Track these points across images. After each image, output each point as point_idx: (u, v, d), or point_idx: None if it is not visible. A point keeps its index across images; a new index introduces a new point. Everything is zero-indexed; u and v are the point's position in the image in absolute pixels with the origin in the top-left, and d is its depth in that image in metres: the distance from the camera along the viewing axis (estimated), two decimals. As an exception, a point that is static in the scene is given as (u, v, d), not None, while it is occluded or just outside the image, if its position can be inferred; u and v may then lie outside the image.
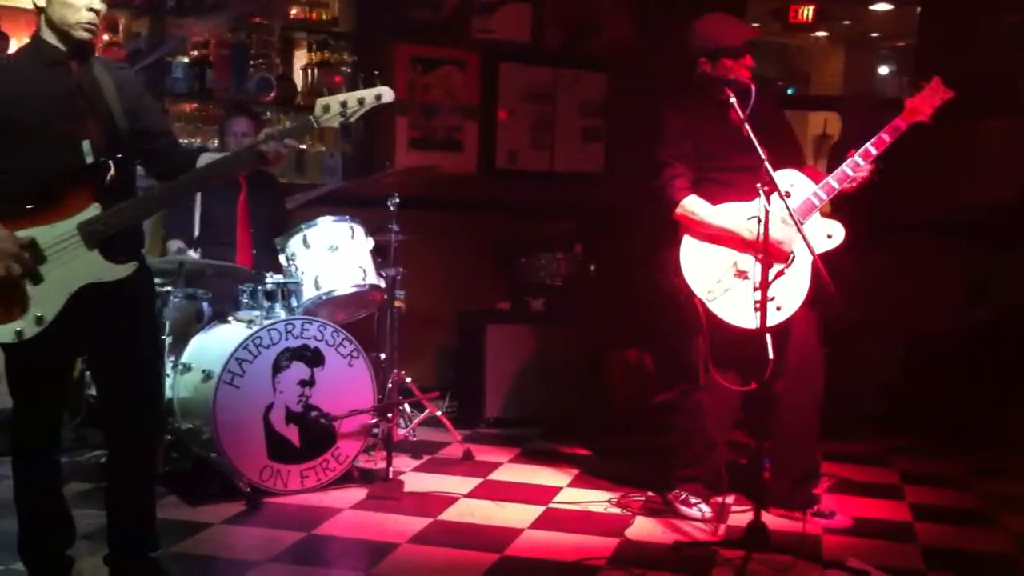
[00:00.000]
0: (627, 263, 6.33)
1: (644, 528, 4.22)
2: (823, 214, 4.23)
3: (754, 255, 4.10)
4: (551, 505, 4.50)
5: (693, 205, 4.20)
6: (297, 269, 4.80)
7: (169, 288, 4.66)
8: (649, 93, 6.54)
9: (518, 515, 4.35)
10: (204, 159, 3.37)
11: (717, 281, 4.14)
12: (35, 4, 3.16)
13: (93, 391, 4.56)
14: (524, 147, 6.97)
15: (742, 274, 4.13)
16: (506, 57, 6.83)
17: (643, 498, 4.51)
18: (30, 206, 3.13)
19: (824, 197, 4.13)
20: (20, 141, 3.12)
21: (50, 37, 3.18)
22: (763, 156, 3.80)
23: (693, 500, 4.34)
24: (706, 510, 4.30)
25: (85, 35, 3.17)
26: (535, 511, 4.41)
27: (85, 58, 3.22)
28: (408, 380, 5.31)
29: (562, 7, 6.95)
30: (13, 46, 5.48)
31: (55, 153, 3.14)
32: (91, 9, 3.13)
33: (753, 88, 4.08)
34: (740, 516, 4.23)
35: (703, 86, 4.22)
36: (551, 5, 6.93)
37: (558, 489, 4.73)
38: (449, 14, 6.63)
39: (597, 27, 7.02)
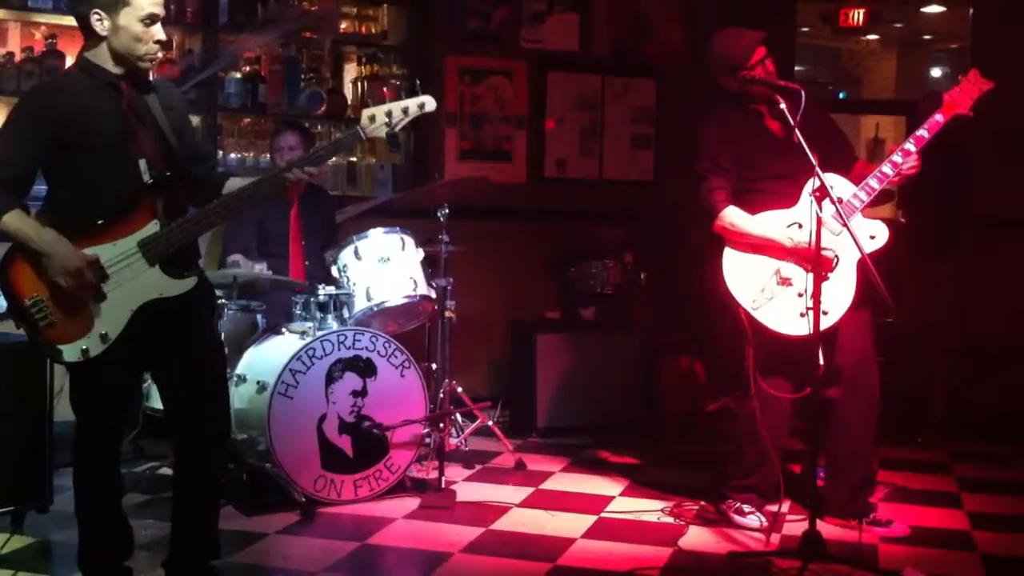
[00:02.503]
0: (677, 270, 6.31)
1: (698, 538, 4.20)
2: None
3: (796, 262, 4.08)
4: (603, 514, 4.49)
5: (732, 216, 4.18)
6: (349, 280, 4.84)
7: (224, 300, 4.72)
8: (698, 100, 6.59)
9: (570, 525, 4.35)
10: (231, 184, 3.41)
11: (761, 290, 4.12)
12: (97, 32, 3.20)
13: (151, 403, 4.63)
14: (573, 156, 6.97)
15: (785, 281, 4.11)
16: (554, 66, 6.84)
17: (696, 507, 4.49)
18: (93, 224, 3.20)
19: (865, 199, 4.09)
20: (80, 161, 3.19)
21: (103, 61, 3.23)
22: (814, 161, 3.78)
23: (747, 509, 4.31)
24: (761, 519, 4.27)
25: (148, 66, 3.25)
26: (587, 520, 4.40)
27: (136, 79, 3.28)
28: (459, 390, 5.33)
29: (611, 15, 6.95)
30: (68, 63, 5.59)
31: (114, 172, 3.21)
32: (159, 41, 3.21)
33: (803, 92, 4.05)
34: (795, 525, 4.19)
35: (749, 94, 4.21)
36: (600, 13, 6.93)
37: (610, 498, 4.72)
38: (498, 25, 6.65)
39: (646, 34, 7.01)
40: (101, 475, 3.42)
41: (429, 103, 3.37)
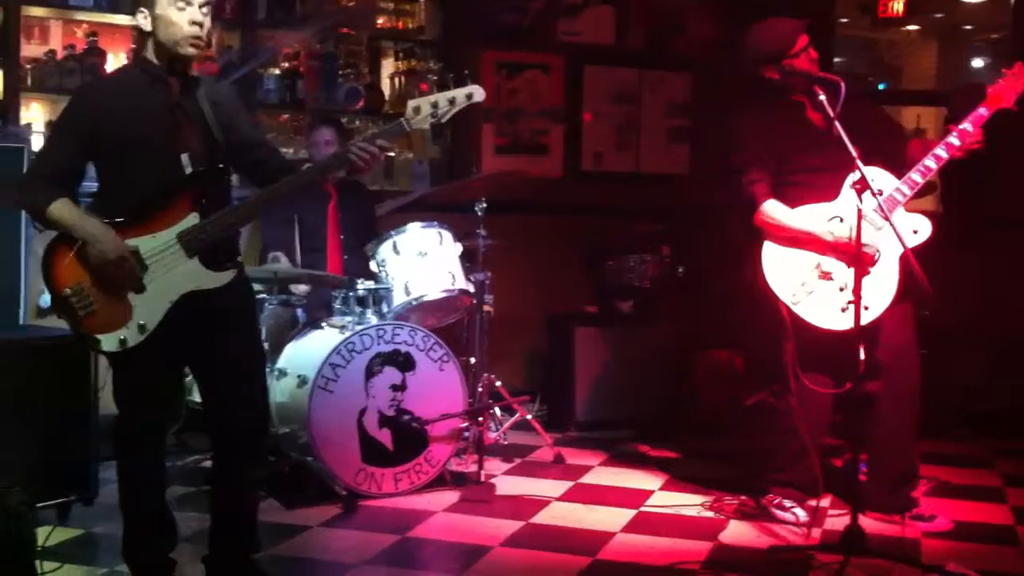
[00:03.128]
0: (715, 263, 6.28)
1: (738, 532, 4.19)
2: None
3: (837, 256, 4.05)
4: (643, 508, 4.49)
5: (772, 210, 4.15)
6: (387, 275, 4.86)
7: (264, 295, 4.76)
8: (733, 92, 6.55)
9: (610, 518, 4.34)
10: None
11: (801, 284, 4.09)
12: (140, 28, 3.26)
13: (194, 396, 4.67)
14: (609, 149, 6.96)
15: (826, 275, 4.07)
16: (590, 59, 6.83)
17: (737, 502, 4.47)
18: (135, 216, 3.23)
19: (907, 192, 4.04)
20: (124, 155, 3.23)
21: (151, 56, 3.28)
22: (854, 154, 3.75)
23: (788, 504, 4.29)
24: (801, 514, 4.25)
25: (192, 50, 3.25)
26: (627, 515, 4.40)
27: (184, 76, 3.31)
28: (498, 384, 5.34)
29: (645, 8, 6.93)
30: (110, 61, 5.65)
31: (156, 166, 3.25)
32: (194, 23, 3.22)
33: (843, 83, 4.02)
34: (836, 520, 4.17)
35: (789, 85, 4.18)
36: (634, 6, 6.91)
37: (650, 492, 4.72)
38: (534, 18, 6.65)
39: (681, 27, 6.98)
40: (144, 468, 3.46)
41: (478, 93, 3.34)
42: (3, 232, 4.40)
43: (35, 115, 5.68)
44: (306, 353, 4.66)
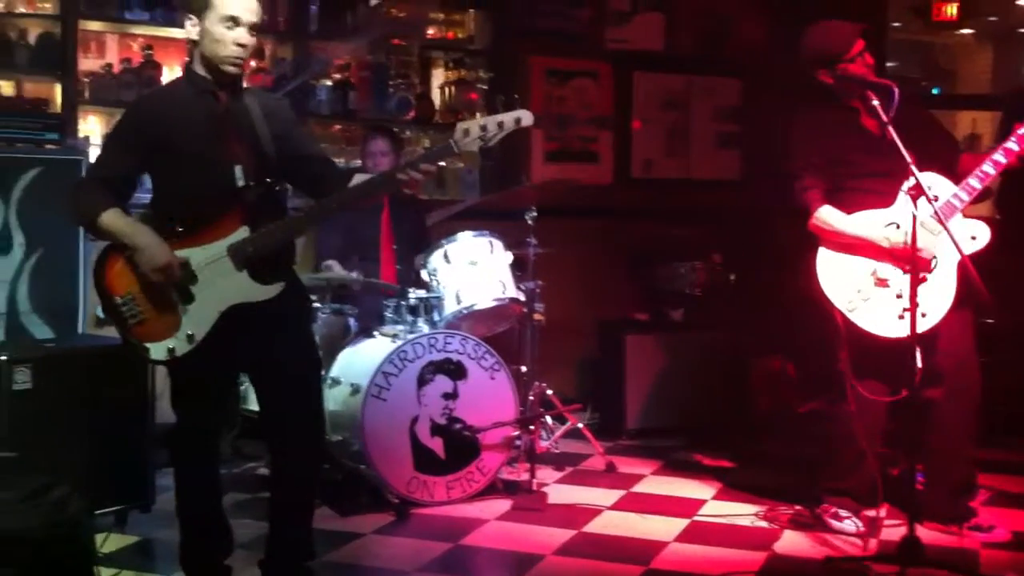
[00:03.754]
0: (768, 269, 6.24)
1: (793, 542, 4.15)
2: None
3: (893, 263, 4.01)
4: (696, 518, 4.46)
5: (827, 215, 4.12)
6: (439, 284, 4.88)
7: (318, 304, 4.80)
8: (784, 97, 6.50)
9: (663, 528, 4.33)
10: (356, 180, 3.45)
11: (857, 291, 4.05)
12: (189, 38, 3.30)
13: (249, 404, 4.72)
14: (659, 156, 6.94)
15: (882, 282, 4.03)
16: (639, 66, 6.83)
17: (791, 511, 4.43)
18: (187, 227, 3.27)
19: (965, 198, 3.98)
20: (176, 166, 3.27)
21: (200, 69, 3.32)
22: (909, 160, 3.71)
23: (843, 513, 4.24)
24: (857, 524, 4.20)
25: (232, 70, 3.29)
26: (680, 524, 4.38)
27: (233, 88, 3.34)
28: (549, 392, 5.34)
29: (693, 14, 6.90)
30: (165, 74, 5.74)
31: (209, 178, 3.28)
32: (240, 44, 3.25)
33: (896, 88, 3.97)
34: (893, 530, 4.11)
35: (842, 90, 4.14)
36: (682, 12, 6.89)
37: (703, 501, 4.69)
38: (582, 26, 6.65)
39: (728, 32, 6.95)
40: (200, 475, 3.50)
41: (526, 118, 3.31)
42: (62, 244, 4.49)
43: (92, 128, 5.78)
44: (359, 362, 4.69)
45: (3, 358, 3.86)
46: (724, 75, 7.03)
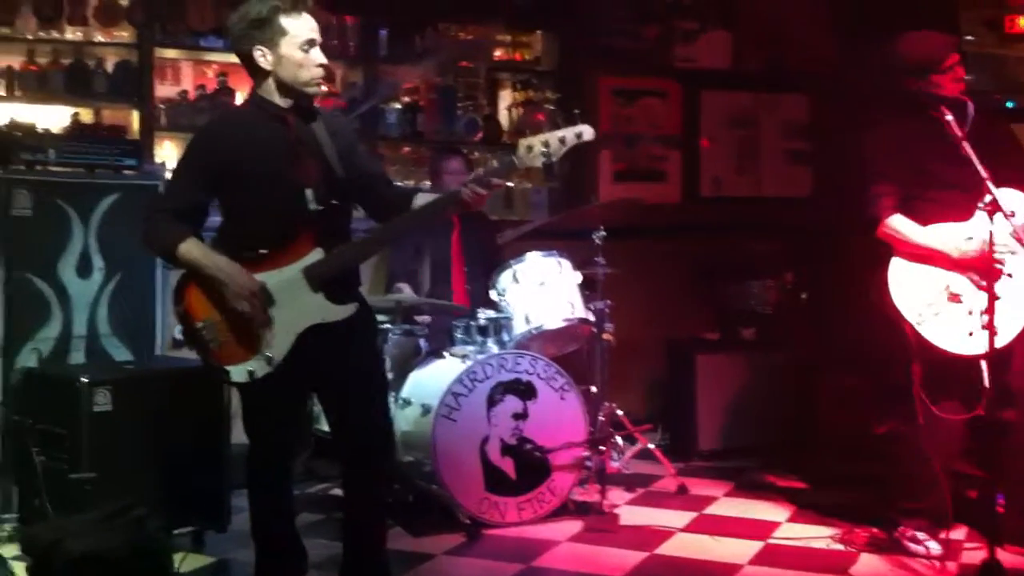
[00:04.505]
0: (840, 286, 6.16)
1: (870, 565, 4.08)
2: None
3: (969, 277, 3.93)
4: (770, 540, 4.41)
5: (899, 224, 4.06)
6: (508, 304, 4.90)
7: (388, 325, 4.84)
8: (853, 112, 6.43)
9: (736, 550, 4.28)
10: (421, 198, 3.48)
11: (928, 304, 3.98)
12: (262, 67, 3.32)
13: (321, 425, 4.77)
14: (728, 173, 6.90)
15: (955, 297, 3.95)
16: (707, 84, 6.80)
17: (867, 534, 4.35)
18: (261, 252, 3.32)
19: None
20: (247, 191, 3.32)
21: (270, 94, 3.35)
22: (984, 175, 3.64)
23: (920, 536, 4.15)
24: (935, 547, 4.11)
25: (316, 90, 3.34)
26: (754, 547, 4.32)
27: (304, 112, 3.39)
28: (619, 412, 5.32)
29: (760, 31, 6.86)
30: (239, 99, 5.84)
31: (280, 201, 3.32)
32: (320, 64, 3.31)
33: (971, 103, 3.91)
34: (973, 553, 4.03)
35: (917, 102, 4.08)
36: (749, 30, 6.85)
37: (777, 524, 4.63)
38: (649, 45, 6.65)
39: (796, 48, 6.89)
40: (274, 495, 3.54)
41: (587, 133, 3.33)
42: (140, 267, 4.59)
43: (168, 153, 5.90)
44: (429, 382, 4.72)
45: (84, 380, 3.95)
46: (792, 91, 6.97)
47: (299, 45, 3.28)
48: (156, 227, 3.35)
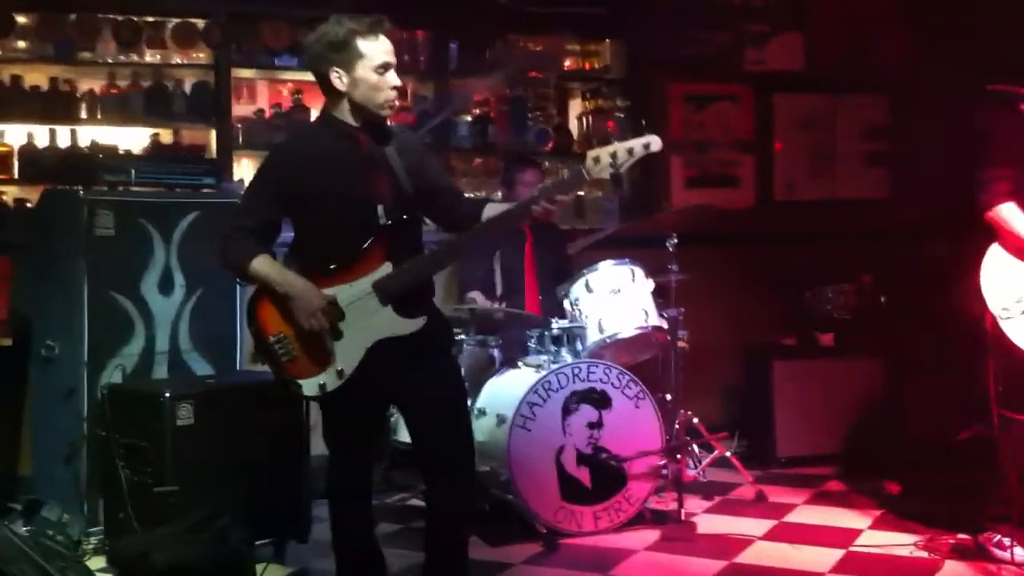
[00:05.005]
0: (921, 290, 6.06)
1: (955, 573, 4.00)
2: None
3: None
4: (852, 548, 4.34)
5: (1008, 213, 3.96)
6: (581, 313, 4.90)
7: (462, 336, 4.87)
8: (935, 111, 6.31)
9: (817, 558, 4.22)
10: (490, 209, 3.49)
11: (1016, 300, 3.89)
12: (337, 88, 3.35)
13: (398, 436, 4.82)
14: (803, 177, 6.83)
15: None
16: (779, 87, 6.74)
17: (952, 540, 4.27)
18: (332, 266, 3.36)
19: None
20: (319, 208, 3.36)
21: (342, 114, 3.38)
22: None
23: (1007, 542, 4.06)
24: (1021, 553, 4.02)
25: (388, 112, 3.38)
26: (835, 554, 4.27)
27: (374, 129, 3.43)
28: (695, 420, 5.29)
29: (834, 31, 6.78)
30: (313, 116, 5.93)
31: (352, 217, 3.35)
32: (395, 87, 3.34)
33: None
34: (1063, 560, 3.93)
35: (1004, 101, 3.99)
36: (823, 30, 6.77)
37: (859, 531, 4.56)
38: (719, 50, 6.61)
39: (872, 48, 6.79)
40: (354, 506, 3.56)
41: (655, 143, 3.31)
42: (220, 283, 4.68)
43: (246, 171, 6.02)
44: (504, 392, 4.74)
45: (167, 395, 4.03)
46: (868, 92, 6.87)
47: (374, 68, 3.31)
48: (230, 245, 3.41)
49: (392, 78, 3.34)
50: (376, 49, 3.32)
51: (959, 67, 6.10)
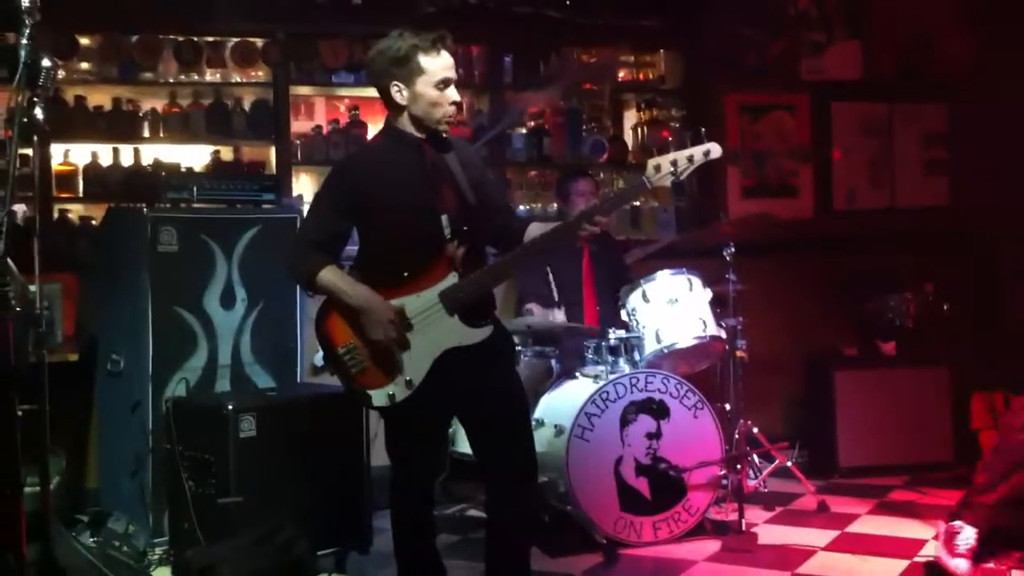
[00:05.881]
0: (984, 297, 5.97)
1: (1022, 584, 3.93)
2: None
3: None
4: (917, 559, 4.28)
5: None
6: (638, 323, 4.89)
7: (520, 347, 4.88)
8: (995, 117, 6.22)
9: (883, 569, 4.18)
10: (533, 229, 3.50)
11: None
12: (397, 103, 3.40)
13: (457, 447, 4.83)
14: (862, 186, 6.76)
15: None
16: (837, 96, 6.68)
17: (1020, 554, 4.17)
18: (399, 277, 3.39)
19: None
20: (386, 220, 3.40)
21: (406, 126, 3.43)
22: None
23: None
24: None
25: (446, 128, 3.42)
26: (900, 565, 4.21)
27: (438, 141, 3.47)
28: (755, 430, 5.24)
29: (893, 39, 6.71)
30: (370, 132, 5.99)
31: (419, 229, 3.39)
32: (454, 103, 3.38)
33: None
34: None
35: None
36: (882, 38, 6.71)
37: (923, 542, 4.49)
38: (776, 59, 6.58)
39: (932, 55, 6.71)
40: (416, 517, 3.58)
41: (715, 150, 3.34)
42: (280, 297, 4.74)
43: (305, 187, 6.10)
44: (562, 403, 4.74)
45: (230, 407, 4.09)
46: (927, 99, 6.79)
47: (435, 84, 3.35)
48: (297, 257, 3.47)
49: (452, 94, 3.37)
50: (437, 65, 3.35)
51: (1020, 72, 6.02)
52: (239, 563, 3.72)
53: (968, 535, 3.98)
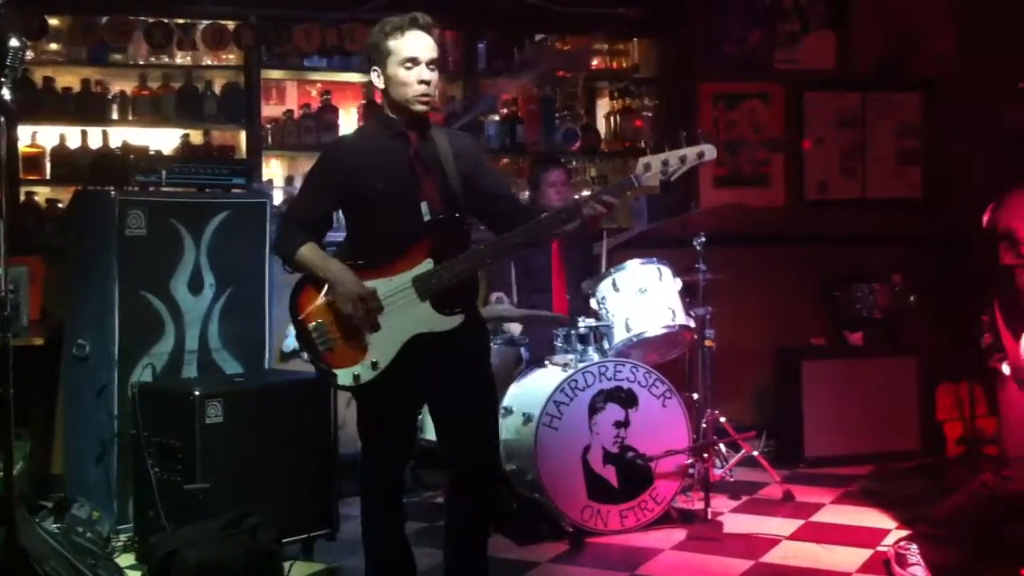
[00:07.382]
0: (953, 290, 6.00)
1: (984, 574, 3.97)
2: None
3: None
4: (880, 548, 4.31)
5: None
6: (608, 312, 4.90)
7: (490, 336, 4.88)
8: (971, 111, 6.25)
9: (846, 559, 4.21)
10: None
11: None
12: (376, 87, 3.46)
13: (425, 435, 4.82)
14: (834, 176, 6.78)
15: None
16: (811, 86, 6.70)
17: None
18: (373, 261, 3.39)
19: None
20: (370, 206, 3.41)
21: (388, 111, 3.47)
22: None
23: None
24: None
25: (422, 108, 3.41)
26: (863, 555, 4.25)
27: (422, 127, 3.47)
28: (723, 420, 5.27)
29: (873, 30, 6.72)
30: (342, 117, 5.97)
31: (399, 214, 3.40)
32: (422, 81, 3.37)
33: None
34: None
35: None
36: (859, 29, 6.72)
37: (886, 531, 4.54)
38: (752, 48, 6.58)
39: (911, 47, 6.72)
40: (385, 502, 3.58)
41: (709, 152, 3.31)
42: (249, 283, 4.73)
43: (275, 171, 6.07)
44: (531, 391, 4.75)
45: (196, 393, 4.07)
46: (903, 90, 6.81)
47: (401, 63, 3.36)
48: (283, 234, 3.52)
49: (420, 73, 3.36)
50: (402, 45, 3.37)
51: (999, 68, 6.05)
52: (204, 549, 3.70)
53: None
